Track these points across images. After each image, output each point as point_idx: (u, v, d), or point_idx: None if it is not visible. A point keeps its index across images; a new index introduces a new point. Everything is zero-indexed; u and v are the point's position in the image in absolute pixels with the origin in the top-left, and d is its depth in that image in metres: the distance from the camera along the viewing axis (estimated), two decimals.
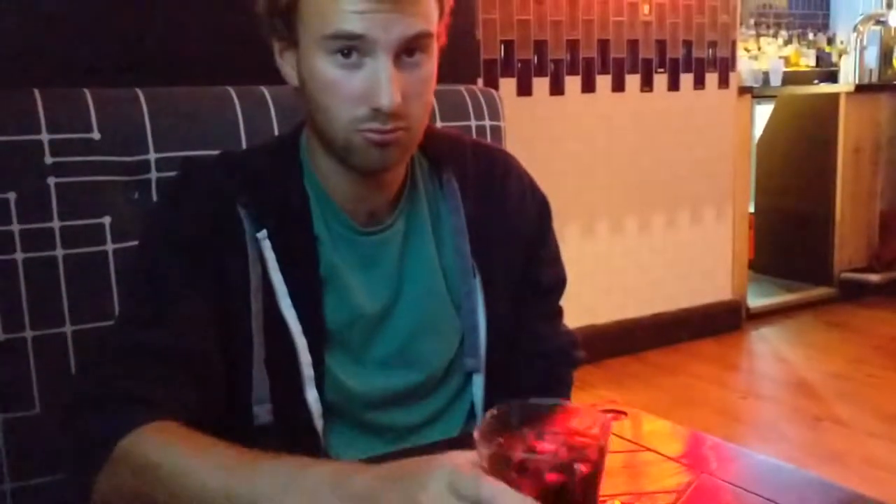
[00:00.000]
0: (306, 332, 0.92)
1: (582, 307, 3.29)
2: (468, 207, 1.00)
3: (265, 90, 1.24)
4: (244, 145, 1.19)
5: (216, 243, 0.90)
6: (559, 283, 1.10)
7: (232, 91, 1.22)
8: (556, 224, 1.11)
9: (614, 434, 0.91)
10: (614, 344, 3.40)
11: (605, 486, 0.78)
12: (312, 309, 0.93)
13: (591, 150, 3.35)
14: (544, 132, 3.18)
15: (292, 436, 0.91)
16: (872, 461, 2.49)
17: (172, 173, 1.14)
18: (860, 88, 4.27)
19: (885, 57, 4.59)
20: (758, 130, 4.46)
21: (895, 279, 4.19)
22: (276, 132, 1.21)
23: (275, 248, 0.92)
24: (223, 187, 0.93)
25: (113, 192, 1.12)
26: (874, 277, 4.20)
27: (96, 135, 1.11)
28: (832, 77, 4.73)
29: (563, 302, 1.12)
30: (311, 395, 0.92)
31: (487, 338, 1.00)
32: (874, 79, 4.54)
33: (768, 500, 0.75)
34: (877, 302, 4.11)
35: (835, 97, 4.20)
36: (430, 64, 0.90)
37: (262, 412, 0.91)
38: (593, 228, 3.39)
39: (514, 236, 1.03)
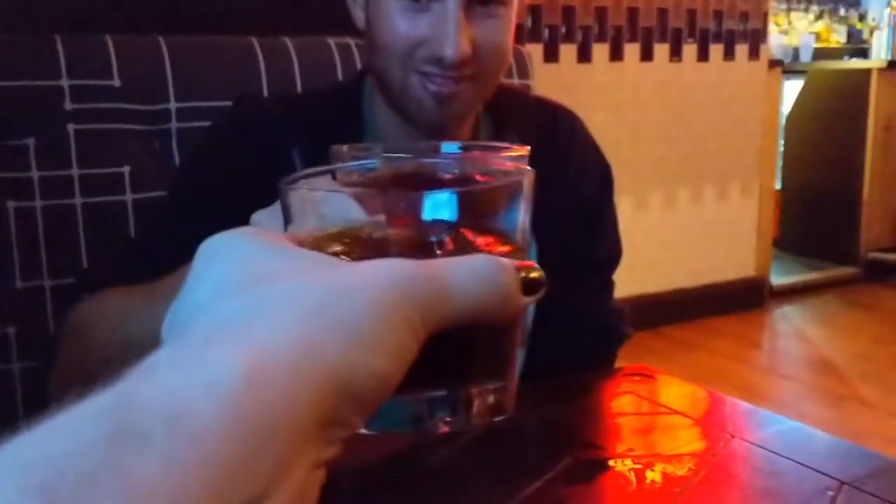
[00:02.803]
0: None
1: None
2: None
3: (288, 41, 1.21)
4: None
5: (261, 181, 0.88)
6: (615, 256, 1.06)
7: (255, 42, 1.19)
8: None
9: (644, 397, 0.88)
10: (635, 318, 3.35)
11: (635, 446, 0.76)
12: None
13: (617, 122, 3.30)
14: (570, 100, 3.11)
15: None
16: (895, 441, 2.46)
17: (194, 124, 1.13)
18: (892, 65, 4.18)
19: None
20: (786, 107, 4.38)
21: None
22: (299, 85, 1.18)
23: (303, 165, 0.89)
24: (279, 127, 0.89)
25: (133, 141, 1.10)
26: None
27: (117, 82, 1.09)
28: (863, 54, 4.63)
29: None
30: None
31: (535, 308, 0.96)
32: None
33: (801, 464, 0.72)
34: None
35: (866, 74, 4.12)
36: (508, 17, 0.85)
37: None
38: (618, 202, 3.33)
39: (573, 201, 0.99)
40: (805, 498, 0.68)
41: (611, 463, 0.73)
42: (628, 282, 3.45)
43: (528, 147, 0.55)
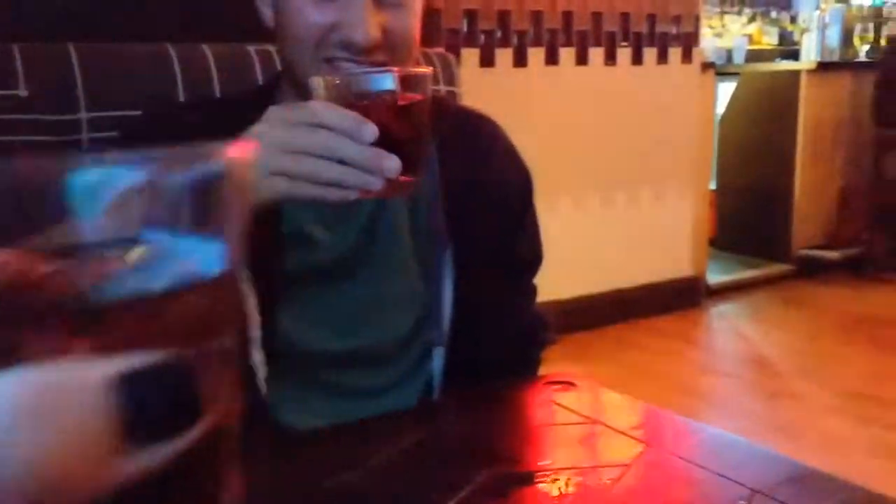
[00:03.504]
0: (258, 290, 0.88)
1: (543, 282, 3.26)
2: (446, 173, 0.96)
3: (206, 48, 1.18)
4: None
5: None
6: (535, 261, 1.07)
7: (171, 49, 1.16)
8: None
9: (564, 407, 0.88)
10: (575, 319, 3.40)
11: (552, 459, 0.76)
12: (266, 267, 0.89)
13: (554, 125, 3.32)
14: (507, 105, 3.11)
15: None
16: (829, 435, 2.51)
17: (106, 134, 1.09)
18: (822, 66, 4.29)
19: (846, 36, 4.61)
20: (721, 108, 4.46)
21: (853, 257, 4.23)
22: (218, 92, 1.15)
23: None
24: (191, 129, 0.87)
25: (41, 154, 1.06)
26: (832, 255, 4.25)
27: (23, 91, 1.05)
28: (794, 55, 4.74)
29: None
30: (257, 356, 0.89)
31: (454, 311, 0.96)
32: (835, 57, 4.55)
33: (718, 474, 0.73)
34: (834, 279, 4.16)
35: (796, 75, 4.22)
36: (414, 7, 0.87)
37: None
38: (555, 204, 3.36)
39: (494, 207, 0.99)
40: None
41: (527, 477, 0.72)
42: (568, 283, 3.49)
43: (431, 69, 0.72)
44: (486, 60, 3.08)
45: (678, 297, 3.75)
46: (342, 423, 0.87)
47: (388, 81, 0.73)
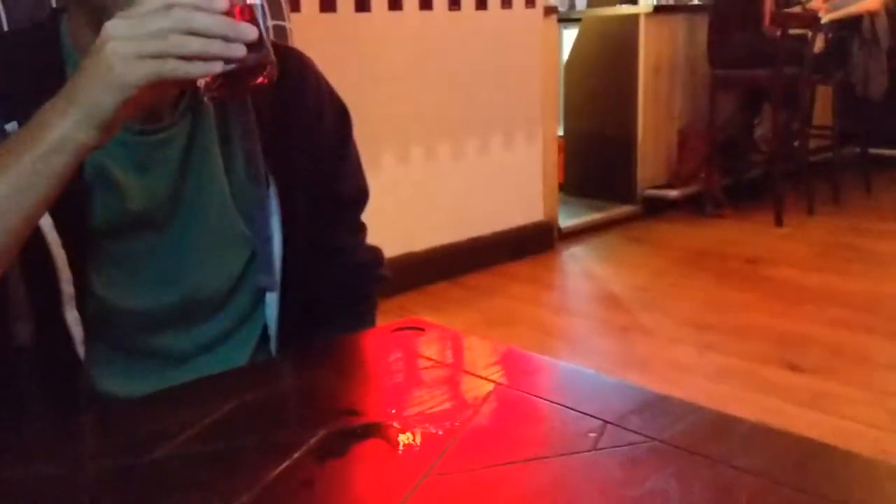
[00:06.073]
0: (66, 244, 0.79)
1: (399, 234, 3.22)
2: (259, 110, 0.88)
3: None
4: None
5: None
6: (360, 196, 1.03)
7: None
8: (369, 151, 1.02)
9: (412, 353, 0.83)
10: (432, 270, 3.38)
11: (398, 408, 0.71)
12: (73, 217, 0.79)
13: (400, 73, 3.24)
14: (351, 53, 3.03)
15: (54, 362, 0.81)
16: (676, 364, 2.62)
17: None
18: (658, 9, 4.40)
19: None
20: (565, 55, 4.52)
21: (692, 194, 4.42)
22: None
23: None
24: None
25: None
26: (673, 193, 4.42)
27: None
28: (634, 1, 4.85)
29: (378, 226, 1.06)
30: (72, 315, 0.81)
31: (283, 253, 0.90)
32: (671, 1, 4.69)
33: (569, 408, 0.70)
34: (676, 216, 4.33)
35: (635, 18, 4.31)
36: None
37: (22, 332, 0.80)
38: (407, 155, 3.30)
39: (311, 144, 0.94)
40: (569, 442, 0.65)
41: (369, 431, 0.67)
42: (424, 233, 3.46)
43: None
44: (327, 5, 2.95)
45: (532, 243, 3.80)
46: (167, 387, 0.79)
47: None
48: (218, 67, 0.68)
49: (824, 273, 3.43)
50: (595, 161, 4.55)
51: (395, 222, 3.19)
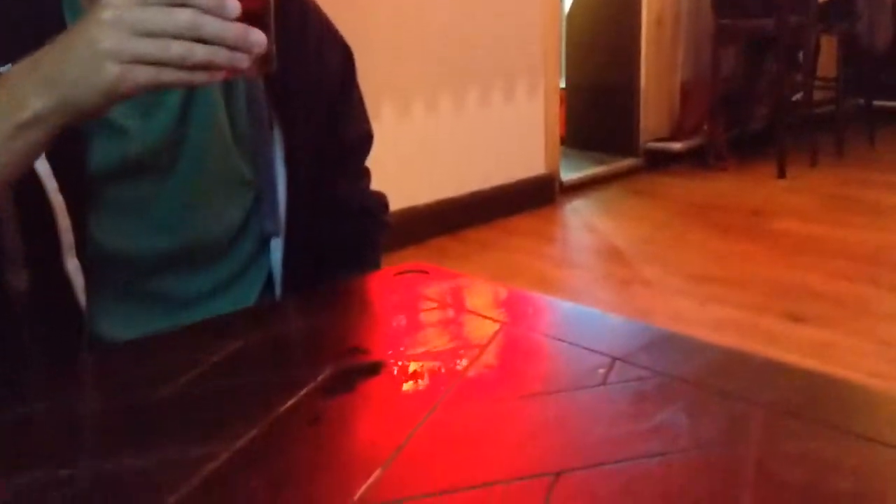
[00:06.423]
0: (64, 190, 0.77)
1: (400, 189, 3.18)
2: None
3: None
4: None
5: None
6: (365, 140, 1.01)
7: None
8: (368, 104, 1.01)
9: (417, 294, 0.82)
10: (434, 224, 3.36)
11: (405, 346, 0.70)
12: (72, 163, 0.77)
13: (401, 23, 3.19)
14: (349, 3, 2.98)
15: (54, 310, 0.79)
16: (677, 316, 2.62)
17: None
18: None
19: None
20: (567, 6, 4.45)
21: (694, 147, 4.39)
22: None
23: None
24: None
25: None
26: (676, 146, 4.39)
27: None
28: None
29: (378, 180, 1.04)
30: (72, 264, 0.79)
31: (288, 197, 0.89)
32: None
33: (576, 345, 0.69)
34: (679, 169, 4.31)
35: None
36: None
37: (17, 279, 0.77)
38: (409, 108, 3.27)
39: (315, 86, 0.92)
40: (577, 378, 0.64)
41: (377, 368, 0.67)
42: (425, 187, 3.43)
43: None
44: None
45: (533, 196, 3.78)
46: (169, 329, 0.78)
47: None
48: (220, 76, 0.63)
49: (827, 225, 3.42)
50: (597, 113, 4.51)
51: (395, 176, 3.15)
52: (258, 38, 0.62)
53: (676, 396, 0.60)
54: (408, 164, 3.28)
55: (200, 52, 0.60)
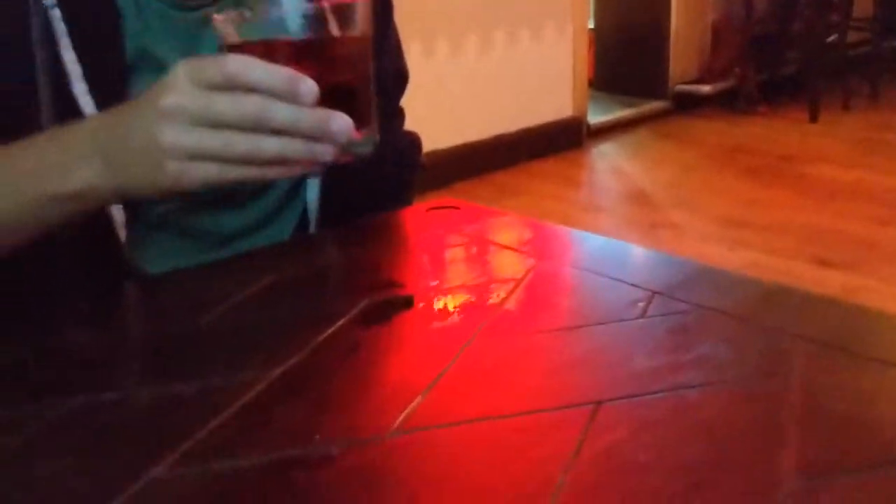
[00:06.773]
0: None
1: (424, 131, 3.17)
2: None
3: None
4: None
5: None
6: (400, 79, 0.99)
7: None
8: None
9: (449, 230, 0.82)
10: (459, 167, 3.35)
11: (440, 280, 0.70)
12: (113, 95, 0.76)
13: None
14: None
15: (93, 244, 0.78)
16: (705, 261, 2.58)
17: None
18: None
19: None
20: None
21: (724, 90, 4.31)
22: None
23: (66, 21, 0.73)
24: None
25: None
26: (705, 88, 4.31)
27: None
28: None
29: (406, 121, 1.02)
30: None
31: None
32: None
33: (612, 278, 0.68)
34: (708, 112, 4.24)
35: None
36: None
37: None
38: (433, 49, 3.22)
39: None
40: (615, 310, 0.63)
41: (411, 301, 0.66)
42: (450, 130, 3.41)
43: None
44: None
45: (560, 139, 3.74)
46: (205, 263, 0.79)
47: (317, 14, 0.58)
48: (299, 171, 0.57)
49: (858, 169, 3.36)
50: (626, 55, 4.43)
51: (420, 119, 3.14)
52: (341, 124, 0.55)
53: (718, 329, 0.59)
54: (432, 106, 3.25)
55: (270, 148, 0.54)
